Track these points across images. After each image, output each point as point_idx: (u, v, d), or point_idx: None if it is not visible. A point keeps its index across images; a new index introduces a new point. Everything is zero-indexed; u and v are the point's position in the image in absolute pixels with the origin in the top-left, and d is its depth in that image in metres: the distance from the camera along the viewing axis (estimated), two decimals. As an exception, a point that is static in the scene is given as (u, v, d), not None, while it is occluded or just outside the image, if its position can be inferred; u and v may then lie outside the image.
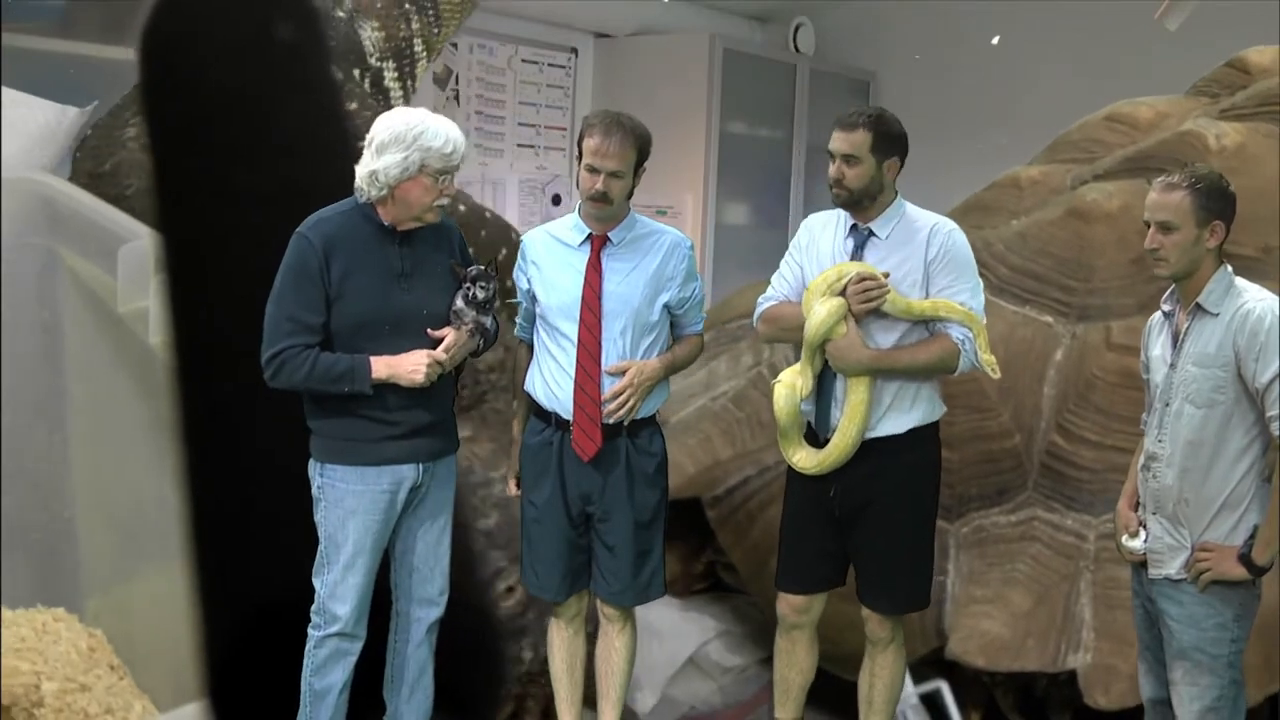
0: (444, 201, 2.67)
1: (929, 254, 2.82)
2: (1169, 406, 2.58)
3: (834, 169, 2.83)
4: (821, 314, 2.78)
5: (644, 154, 2.83)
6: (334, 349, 2.60)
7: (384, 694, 2.84)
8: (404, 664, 2.80)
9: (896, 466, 2.86)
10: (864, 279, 2.77)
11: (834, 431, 2.83)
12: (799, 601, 2.99)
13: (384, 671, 2.83)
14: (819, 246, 2.92)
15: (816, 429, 2.90)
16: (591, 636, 3.06)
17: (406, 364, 2.61)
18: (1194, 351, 2.55)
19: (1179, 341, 2.59)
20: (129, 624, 3.10)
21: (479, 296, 2.70)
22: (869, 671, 3.01)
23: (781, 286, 2.97)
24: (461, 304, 2.71)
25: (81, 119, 3.33)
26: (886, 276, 2.79)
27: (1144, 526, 2.65)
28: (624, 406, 2.81)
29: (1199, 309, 2.56)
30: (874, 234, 2.86)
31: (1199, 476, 2.55)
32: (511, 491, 3.01)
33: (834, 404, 2.85)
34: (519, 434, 3.00)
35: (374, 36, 3.67)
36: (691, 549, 3.82)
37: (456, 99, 5.84)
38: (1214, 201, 2.54)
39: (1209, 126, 3.78)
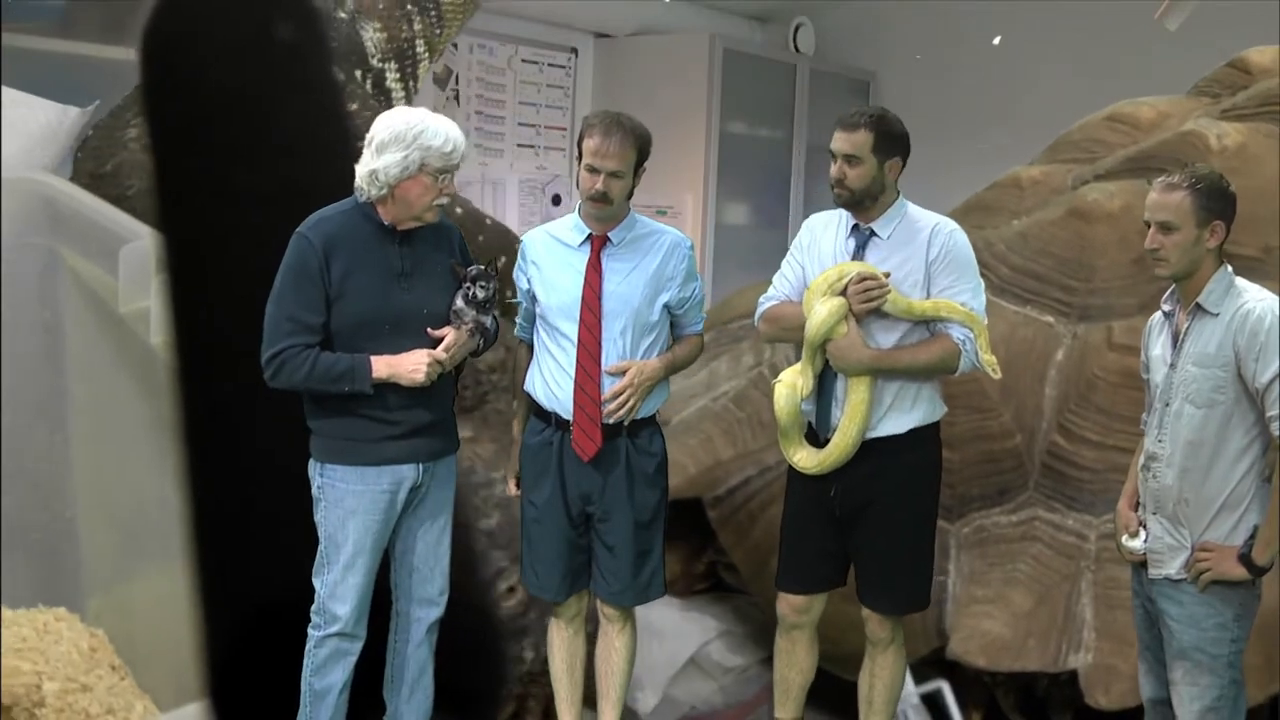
0: (444, 201, 2.67)
1: (930, 254, 2.81)
2: (1169, 406, 2.58)
3: (835, 169, 2.82)
4: (822, 314, 2.78)
5: (644, 154, 2.83)
6: (334, 349, 2.60)
7: (384, 694, 2.84)
8: (404, 664, 2.80)
9: (897, 466, 2.86)
10: (865, 279, 2.77)
11: (834, 431, 2.83)
12: (799, 601, 2.99)
13: (384, 671, 2.83)
14: (820, 246, 2.92)
15: (817, 429, 2.90)
16: (591, 636, 3.06)
17: (407, 363, 2.61)
18: (1194, 351, 2.55)
19: (1179, 341, 2.59)
20: (130, 624, 3.10)
21: (479, 296, 2.70)
22: (869, 672, 3.01)
23: (783, 286, 2.97)
24: (461, 303, 2.71)
25: (83, 119, 3.33)
26: (888, 276, 2.78)
27: (1144, 526, 2.65)
28: (624, 406, 2.81)
29: (1199, 309, 2.56)
30: (875, 234, 2.86)
31: (1199, 476, 2.55)
32: (511, 491, 3.01)
33: (834, 404, 2.85)
34: (519, 434, 3.00)
35: (376, 37, 3.67)
36: (693, 549, 3.81)
37: (456, 99, 5.83)
38: (1214, 202, 2.54)
39: (1210, 126, 3.77)
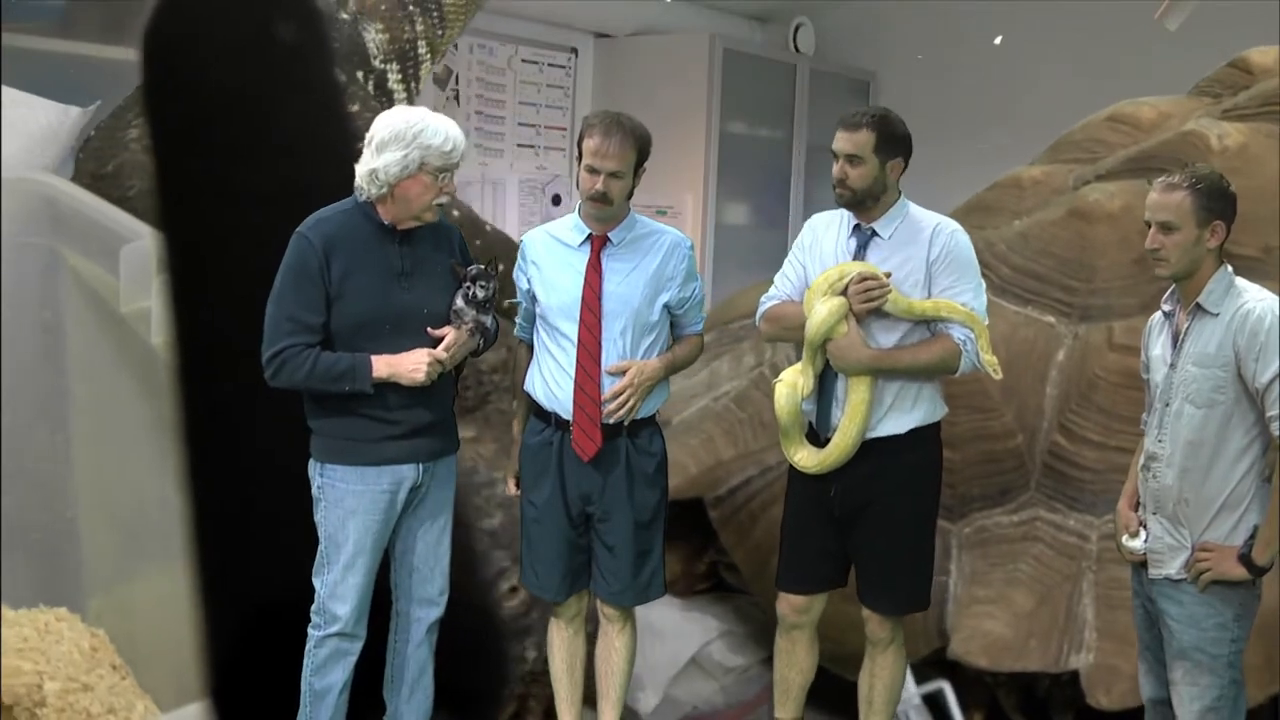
0: (444, 200, 2.67)
1: (931, 254, 2.81)
2: (1169, 406, 2.58)
3: (837, 169, 2.82)
4: (823, 313, 2.78)
5: (644, 154, 2.83)
6: (334, 348, 2.60)
7: (384, 694, 2.84)
8: (404, 664, 2.80)
9: (897, 466, 2.86)
10: (865, 278, 2.77)
11: (835, 431, 2.83)
12: (799, 601, 2.99)
13: (384, 671, 2.83)
14: (822, 246, 2.92)
15: (817, 428, 2.90)
16: (591, 636, 3.06)
17: (407, 363, 2.61)
18: (1194, 351, 2.55)
19: (1179, 341, 2.59)
20: (131, 624, 3.10)
21: (479, 296, 2.70)
22: (869, 672, 3.01)
23: (784, 286, 2.97)
24: (461, 303, 2.71)
25: (84, 119, 3.33)
26: (888, 276, 2.78)
27: (1144, 526, 2.65)
28: (624, 406, 2.81)
29: (1199, 309, 2.56)
30: (877, 234, 2.85)
31: (1199, 476, 2.55)
32: (511, 491, 3.01)
33: (835, 403, 2.85)
34: (519, 434, 3.00)
35: (378, 39, 3.67)
36: (694, 549, 3.81)
37: (456, 99, 5.83)
38: (1215, 202, 2.54)
39: (1211, 127, 3.77)
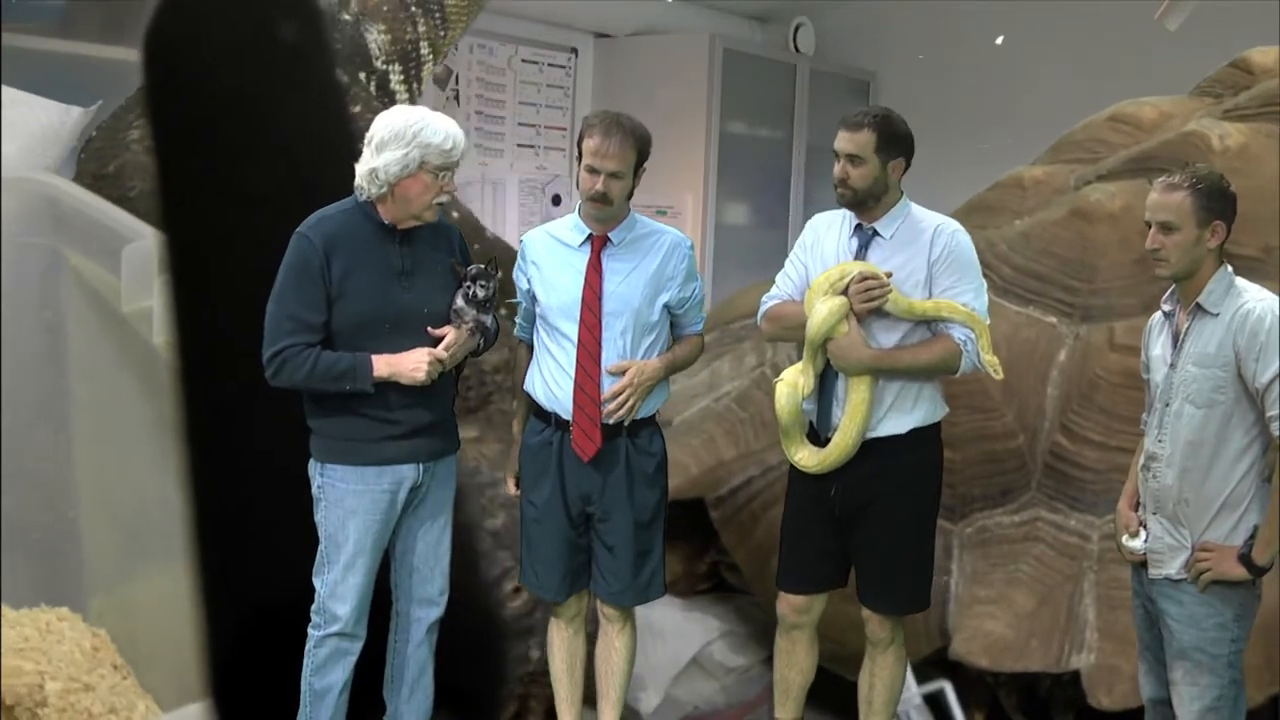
0: (444, 199, 2.67)
1: (932, 254, 2.81)
2: (1169, 406, 2.58)
3: (839, 169, 2.82)
4: (823, 313, 2.78)
5: (644, 154, 2.83)
6: (335, 348, 2.60)
7: (384, 694, 2.84)
8: (404, 664, 2.80)
9: (898, 466, 2.86)
10: (866, 278, 2.76)
11: (835, 431, 2.83)
12: (799, 601, 2.99)
13: (384, 671, 2.83)
14: (824, 246, 2.91)
15: (818, 428, 2.90)
16: (591, 636, 3.06)
17: (408, 362, 2.61)
18: (1194, 351, 2.55)
19: (1179, 341, 2.59)
20: (132, 624, 3.10)
21: (479, 295, 2.71)
22: (869, 672, 3.01)
23: (786, 285, 2.97)
24: (462, 303, 2.71)
25: (85, 119, 3.33)
26: (889, 276, 2.78)
27: (1144, 526, 2.65)
28: (624, 406, 2.81)
29: (1199, 309, 2.56)
30: (878, 234, 2.85)
31: (1199, 476, 2.55)
32: (510, 491, 3.01)
33: (835, 403, 2.85)
34: (519, 434, 3.00)
35: (380, 39, 3.67)
36: (695, 549, 3.81)
37: (456, 99, 5.83)
38: (1215, 202, 2.54)
39: (1212, 127, 3.76)
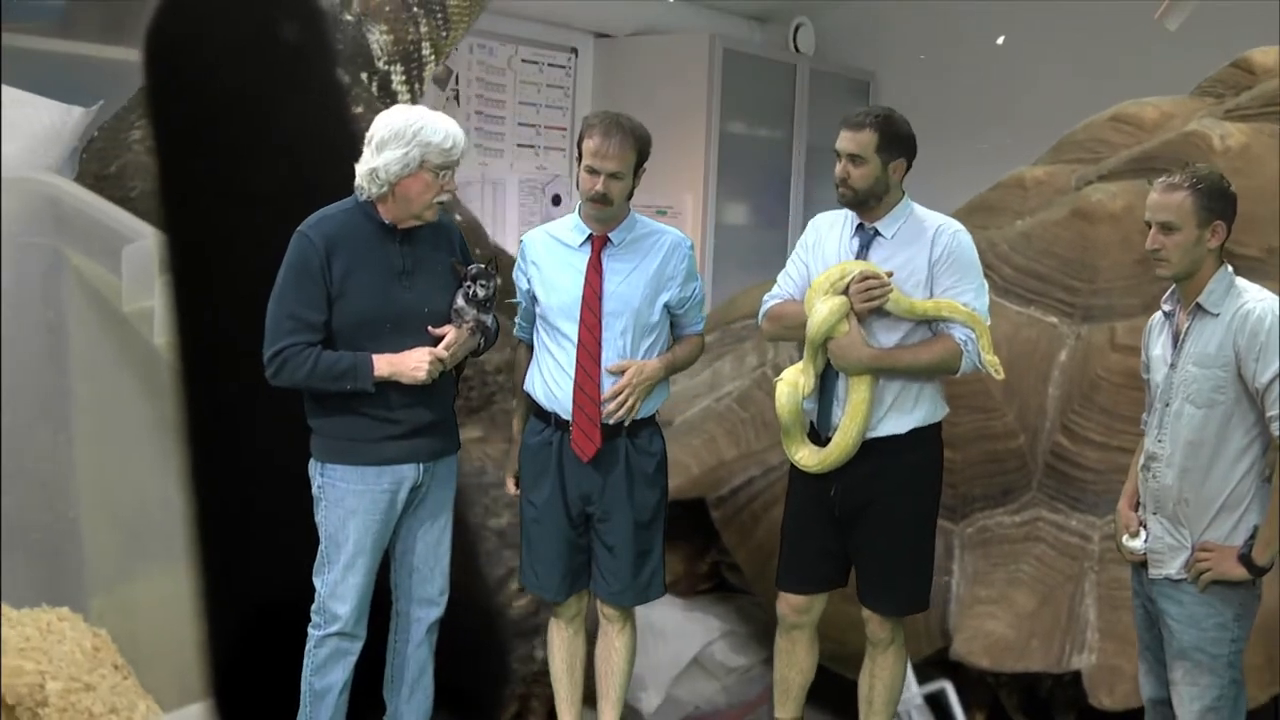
0: (444, 198, 2.67)
1: (933, 254, 2.81)
2: (1169, 406, 2.58)
3: (840, 168, 2.82)
4: (823, 312, 2.78)
5: (644, 155, 2.83)
6: (336, 347, 2.60)
7: (384, 694, 2.84)
8: (404, 664, 2.81)
9: (898, 466, 2.86)
10: (867, 277, 2.76)
11: (836, 430, 2.83)
12: (799, 601, 2.99)
13: (384, 671, 2.83)
14: (825, 245, 2.91)
15: (818, 427, 2.90)
16: (592, 636, 3.05)
17: (409, 361, 2.61)
18: (1194, 351, 2.55)
19: (1179, 341, 2.59)
20: (133, 623, 3.10)
21: (479, 294, 2.71)
22: (869, 672, 3.01)
23: (787, 285, 2.97)
24: (462, 302, 2.71)
25: (86, 119, 3.32)
26: (890, 276, 2.78)
27: (1144, 526, 2.65)
28: (623, 406, 2.81)
29: (1199, 309, 2.56)
30: (880, 233, 2.85)
31: (1199, 476, 2.55)
32: (510, 491, 3.01)
33: (836, 403, 2.85)
34: (518, 433, 3.00)
35: (382, 40, 3.67)
36: (696, 549, 3.81)
37: (456, 99, 5.82)
38: (1215, 202, 2.54)
39: (1214, 127, 3.75)
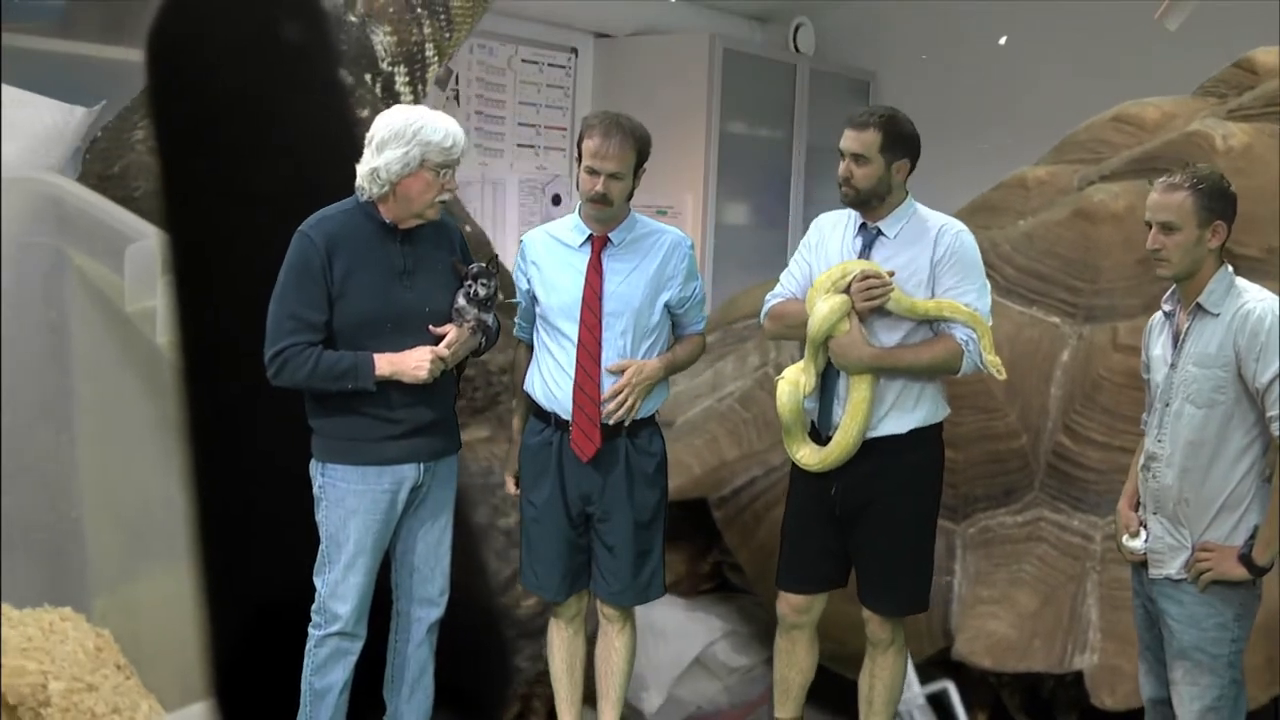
0: (445, 197, 2.67)
1: (936, 254, 2.81)
2: (1169, 406, 2.59)
3: (843, 167, 2.82)
4: (824, 310, 2.78)
5: (644, 155, 2.83)
6: (336, 347, 2.60)
7: (384, 694, 2.84)
8: (404, 664, 2.81)
9: (898, 466, 2.86)
10: (868, 276, 2.77)
11: (836, 429, 2.83)
12: (799, 601, 2.99)
13: (384, 671, 2.84)
14: (828, 245, 2.92)
15: (819, 426, 2.90)
16: (591, 636, 3.05)
17: (410, 360, 2.61)
18: (1194, 351, 2.56)
19: (1179, 341, 2.59)
20: (136, 623, 3.09)
21: (480, 294, 2.71)
22: (869, 672, 3.02)
23: (790, 284, 2.97)
24: (463, 301, 2.71)
25: (88, 119, 3.32)
26: (892, 275, 2.79)
27: (1144, 526, 2.65)
28: (623, 406, 2.81)
29: (1199, 309, 2.57)
30: (882, 233, 2.86)
31: (1199, 476, 2.55)
32: (510, 491, 3.01)
33: (837, 401, 2.85)
34: (518, 433, 3.00)
35: (386, 41, 3.66)
36: (698, 549, 3.81)
37: (456, 99, 5.81)
38: (1215, 202, 2.54)
39: (1216, 127, 3.75)
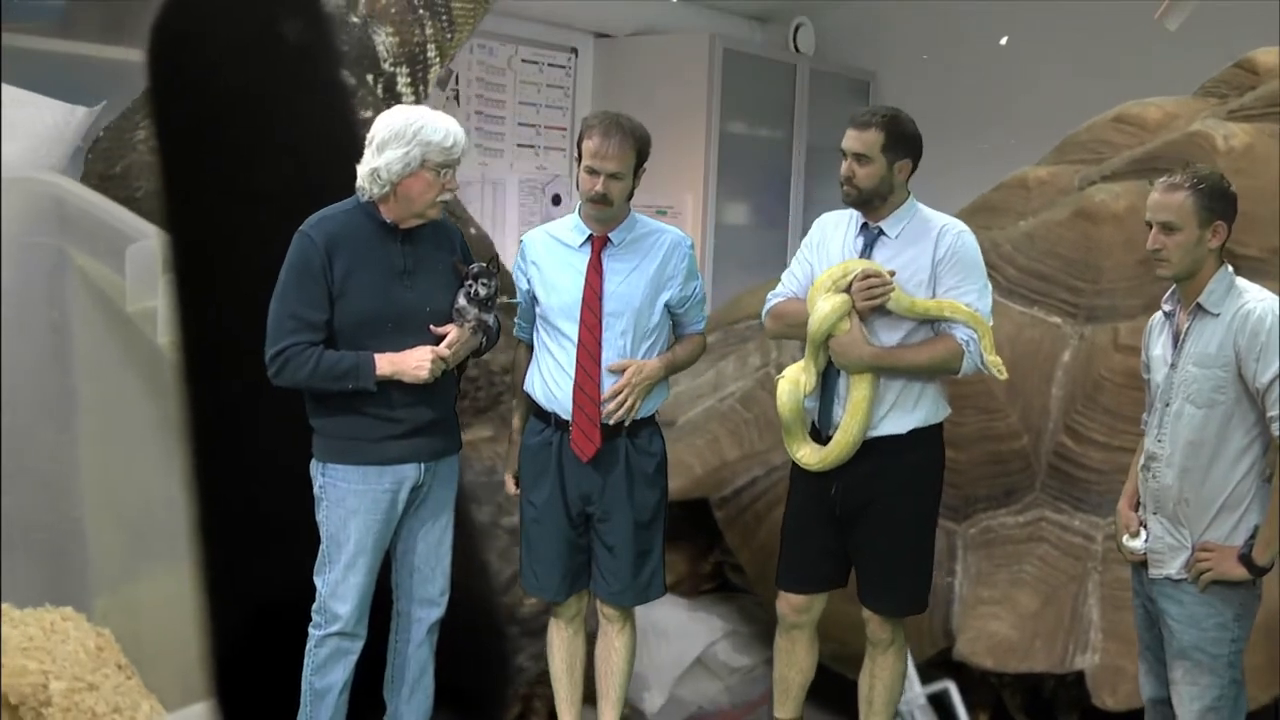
0: (446, 197, 2.68)
1: (937, 254, 2.81)
2: (1169, 406, 2.59)
3: (845, 167, 2.82)
4: (825, 309, 2.78)
5: (643, 155, 2.83)
6: (337, 347, 2.60)
7: (384, 694, 2.84)
8: (404, 664, 2.81)
9: (898, 466, 2.86)
10: (869, 276, 2.77)
11: (837, 429, 2.83)
12: (799, 601, 2.99)
13: (384, 671, 2.83)
14: (829, 244, 2.92)
15: (819, 426, 2.90)
16: (592, 636, 3.05)
17: (410, 360, 2.61)
18: (1194, 352, 2.56)
19: (1179, 341, 2.59)
20: (137, 623, 3.09)
21: (481, 293, 2.71)
22: (869, 672, 3.02)
23: (791, 283, 2.97)
24: (464, 301, 2.71)
25: (90, 119, 3.32)
26: (893, 275, 2.78)
27: (1144, 526, 2.65)
28: (623, 406, 2.81)
29: (1200, 309, 2.57)
30: (884, 233, 2.85)
31: (1199, 476, 2.55)
32: (510, 490, 3.01)
33: (837, 401, 2.85)
34: (518, 433, 3.00)
35: (388, 42, 3.67)
36: (699, 549, 3.81)
37: (456, 99, 5.81)
38: (1216, 202, 2.54)
39: (1217, 127, 3.75)
